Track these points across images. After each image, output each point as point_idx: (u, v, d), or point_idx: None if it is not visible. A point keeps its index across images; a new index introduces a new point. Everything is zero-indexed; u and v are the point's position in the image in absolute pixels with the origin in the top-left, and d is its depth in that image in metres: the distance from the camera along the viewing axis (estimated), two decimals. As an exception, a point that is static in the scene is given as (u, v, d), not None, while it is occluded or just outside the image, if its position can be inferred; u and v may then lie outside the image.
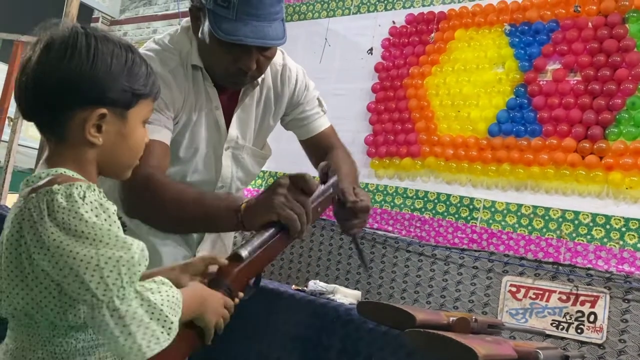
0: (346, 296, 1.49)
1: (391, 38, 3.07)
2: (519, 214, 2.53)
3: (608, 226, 2.31)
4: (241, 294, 0.96)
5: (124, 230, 0.82)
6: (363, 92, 3.09)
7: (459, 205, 2.70)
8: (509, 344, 0.95)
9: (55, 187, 0.74)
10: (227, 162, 1.43)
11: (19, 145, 3.75)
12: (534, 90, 2.55)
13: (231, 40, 1.21)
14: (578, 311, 2.28)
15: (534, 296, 2.40)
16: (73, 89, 0.78)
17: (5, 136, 3.80)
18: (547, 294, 2.37)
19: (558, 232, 2.42)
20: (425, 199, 2.80)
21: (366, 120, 3.05)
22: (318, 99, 1.57)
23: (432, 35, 2.87)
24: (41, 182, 0.77)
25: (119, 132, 0.83)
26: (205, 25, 1.26)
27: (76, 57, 0.78)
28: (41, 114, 0.81)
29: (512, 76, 2.62)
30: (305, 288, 1.60)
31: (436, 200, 2.77)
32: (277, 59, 1.48)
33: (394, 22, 3.08)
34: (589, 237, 2.34)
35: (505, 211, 2.57)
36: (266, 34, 1.23)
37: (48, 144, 0.84)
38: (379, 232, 2.87)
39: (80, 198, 0.73)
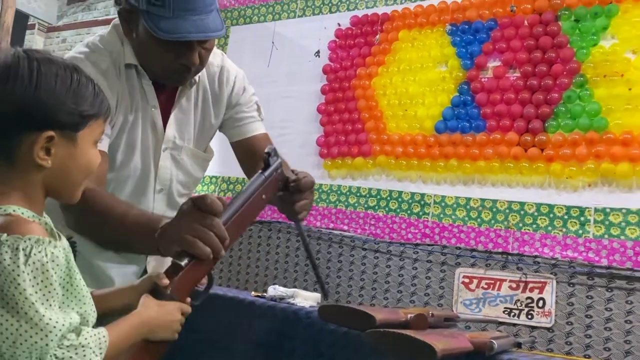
0: (306, 299, 1.51)
1: (337, 40, 3.11)
2: (468, 207, 2.62)
3: (551, 215, 2.42)
4: (188, 299, 0.97)
5: (74, 254, 0.83)
6: (312, 94, 3.12)
7: (410, 201, 2.77)
8: (464, 337, 1.00)
9: (4, 237, 0.75)
10: (165, 164, 1.42)
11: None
12: (476, 87, 2.65)
13: (173, 39, 1.21)
14: (528, 297, 2.38)
15: (486, 286, 2.49)
16: (18, 114, 0.78)
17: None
18: (498, 283, 2.46)
19: (505, 223, 2.52)
20: (378, 196, 2.86)
21: (317, 121, 3.09)
22: (257, 104, 1.57)
23: (377, 36, 2.93)
24: None
25: (68, 154, 0.83)
26: (141, 26, 1.25)
27: (19, 82, 0.78)
28: None
29: (455, 74, 2.71)
30: (264, 294, 1.61)
31: (388, 198, 2.83)
32: (216, 61, 1.48)
33: (339, 25, 3.13)
34: (534, 226, 2.45)
35: (455, 205, 2.65)
36: (207, 27, 1.24)
37: None
38: (335, 232, 2.91)
39: (25, 256, 0.74)
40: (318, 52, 3.12)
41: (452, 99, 2.70)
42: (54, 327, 0.75)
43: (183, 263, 0.95)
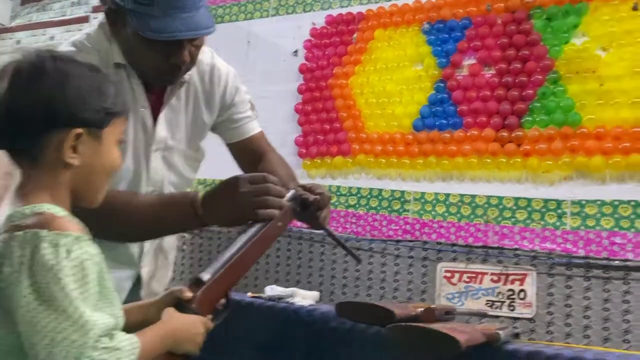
0: (305, 298, 1.52)
1: (312, 39, 3.12)
2: (447, 203, 2.66)
3: (529, 208, 2.48)
4: (209, 317, 0.97)
5: None
6: (289, 94, 3.12)
7: (390, 198, 2.80)
8: (475, 328, 1.02)
9: (44, 233, 0.74)
10: (156, 164, 1.41)
11: None
12: (452, 85, 2.69)
13: (164, 39, 1.19)
14: (509, 290, 2.44)
15: (467, 279, 2.54)
16: (48, 112, 0.80)
17: None
18: (479, 276, 2.52)
19: (485, 217, 2.57)
20: (359, 195, 2.88)
21: (294, 121, 3.08)
22: (250, 102, 1.58)
23: (355, 35, 2.95)
24: (27, 221, 0.77)
25: (94, 152, 0.85)
26: (128, 26, 1.23)
27: (46, 81, 0.80)
28: (16, 141, 0.81)
29: (431, 73, 2.75)
30: (262, 295, 1.61)
31: (369, 196, 2.85)
32: (205, 59, 1.48)
33: (313, 24, 3.13)
34: (513, 219, 2.51)
35: (434, 201, 2.69)
36: (197, 24, 1.23)
37: (21, 171, 0.83)
38: (316, 231, 2.91)
39: (66, 252, 0.74)
40: (296, 51, 3.11)
41: (428, 97, 2.74)
42: (94, 326, 0.74)
43: (205, 277, 0.95)
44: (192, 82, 1.40)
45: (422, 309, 1.09)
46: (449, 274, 2.59)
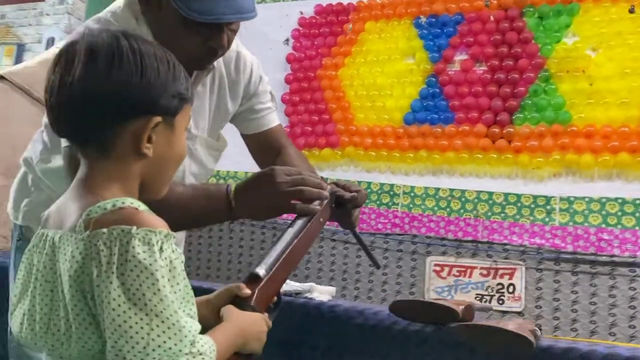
0: (322, 293, 1.48)
1: (301, 29, 3.07)
2: (437, 197, 2.68)
3: (519, 204, 2.52)
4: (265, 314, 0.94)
5: None
6: (276, 83, 3.05)
7: (379, 192, 2.79)
8: (521, 326, 1.02)
9: (134, 230, 0.68)
10: None
11: None
12: (444, 80, 2.70)
13: (208, 21, 1.13)
14: (498, 284, 2.48)
15: (457, 273, 2.56)
16: (127, 99, 0.72)
17: None
18: (469, 270, 2.54)
19: (475, 212, 2.60)
20: (347, 188, 2.85)
21: (281, 111, 3.02)
22: (271, 93, 1.53)
23: (350, 26, 2.91)
24: (110, 217, 0.70)
25: (167, 142, 0.77)
26: (165, 5, 1.16)
27: (125, 65, 0.72)
28: (88, 130, 0.73)
29: (423, 67, 2.75)
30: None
31: (358, 189, 2.83)
32: (232, 45, 1.42)
33: (301, 13, 3.08)
34: (503, 214, 2.55)
35: (424, 195, 2.70)
36: (241, 7, 1.17)
37: (85, 161, 0.75)
38: (274, 221, 2.87)
39: (159, 250, 0.68)
40: (287, 40, 3.05)
41: (420, 91, 2.74)
42: (188, 332, 0.69)
43: (262, 273, 0.91)
44: (218, 69, 1.33)
45: (463, 307, 1.08)
46: (438, 268, 2.60)
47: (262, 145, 1.45)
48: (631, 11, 2.33)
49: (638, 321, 2.24)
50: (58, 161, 1.20)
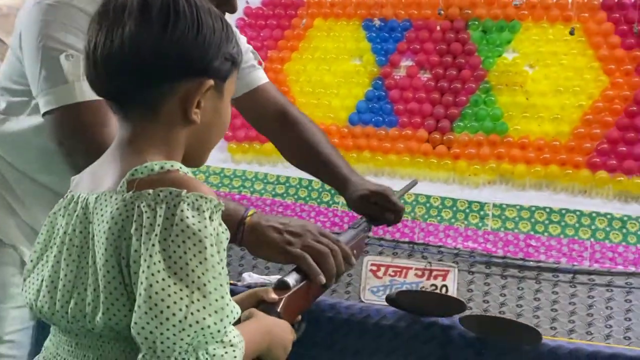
0: (287, 287, 1.45)
1: (246, 18, 3.00)
2: (377, 198, 2.71)
3: (455, 208, 2.62)
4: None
5: None
6: (218, 73, 2.97)
7: (320, 190, 2.78)
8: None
9: (184, 193, 0.61)
10: None
11: None
12: (390, 84, 2.75)
13: None
14: (432, 285, 2.55)
15: (393, 273, 2.61)
16: (182, 59, 0.65)
17: None
18: (404, 270, 2.60)
19: (412, 214, 2.66)
20: (287, 184, 2.83)
21: (223, 102, 2.94)
22: (252, 51, 1.43)
23: (304, 20, 2.88)
24: (157, 177, 0.63)
25: (214, 108, 0.70)
26: None
27: (181, 22, 0.65)
28: (135, 90, 0.66)
29: (370, 69, 2.79)
30: (238, 282, 1.51)
31: (298, 186, 2.81)
32: None
33: (247, 2, 3.01)
34: (439, 218, 2.63)
35: (364, 196, 2.73)
36: None
37: (125, 123, 0.68)
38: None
39: (209, 219, 0.61)
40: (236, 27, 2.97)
41: (366, 93, 2.77)
42: (230, 313, 0.61)
43: (291, 282, 0.84)
44: None
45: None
46: (375, 268, 2.64)
47: (255, 106, 1.32)
48: (571, 33, 2.49)
49: (559, 323, 2.40)
50: (14, 124, 1.07)
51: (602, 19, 2.50)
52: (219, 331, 0.60)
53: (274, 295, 0.81)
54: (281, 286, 0.84)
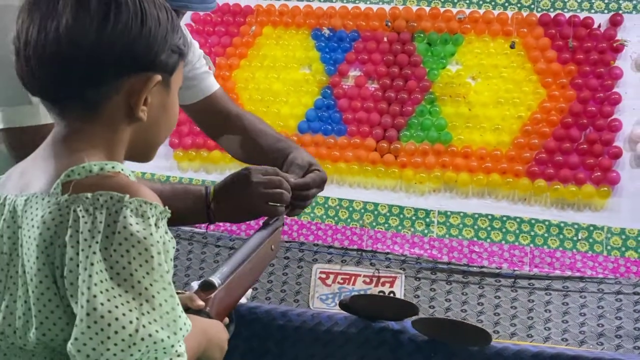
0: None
1: (193, 24, 2.97)
2: (326, 206, 2.73)
3: (402, 215, 2.67)
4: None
5: None
6: (165, 79, 2.92)
7: (268, 198, 2.77)
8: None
9: (127, 198, 0.57)
10: None
11: None
12: (339, 93, 2.78)
13: (174, 7, 1.06)
14: (380, 291, 2.59)
15: (341, 281, 2.63)
16: (125, 53, 0.61)
17: None
18: (353, 277, 2.63)
19: (361, 221, 2.70)
20: (236, 192, 2.80)
21: (169, 109, 2.90)
22: (204, 56, 1.43)
23: (253, 28, 2.88)
24: (95, 180, 0.58)
25: (161, 104, 0.67)
26: None
27: (124, 13, 0.60)
28: (72, 87, 0.61)
29: (319, 78, 2.81)
30: (185, 291, 1.48)
31: (246, 194, 2.79)
32: None
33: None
34: (386, 225, 2.67)
35: (313, 204, 2.74)
36: None
37: (62, 121, 0.64)
38: (185, 228, 2.76)
39: (155, 226, 0.57)
40: (183, 35, 2.93)
41: (315, 101, 2.80)
42: (184, 324, 0.58)
43: (217, 282, 0.85)
44: None
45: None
46: (324, 275, 2.65)
47: (206, 114, 1.33)
48: (512, 47, 2.60)
49: (501, 326, 2.48)
50: None
51: (539, 34, 2.62)
52: (172, 346, 0.57)
53: (199, 302, 0.81)
54: (207, 287, 0.84)
